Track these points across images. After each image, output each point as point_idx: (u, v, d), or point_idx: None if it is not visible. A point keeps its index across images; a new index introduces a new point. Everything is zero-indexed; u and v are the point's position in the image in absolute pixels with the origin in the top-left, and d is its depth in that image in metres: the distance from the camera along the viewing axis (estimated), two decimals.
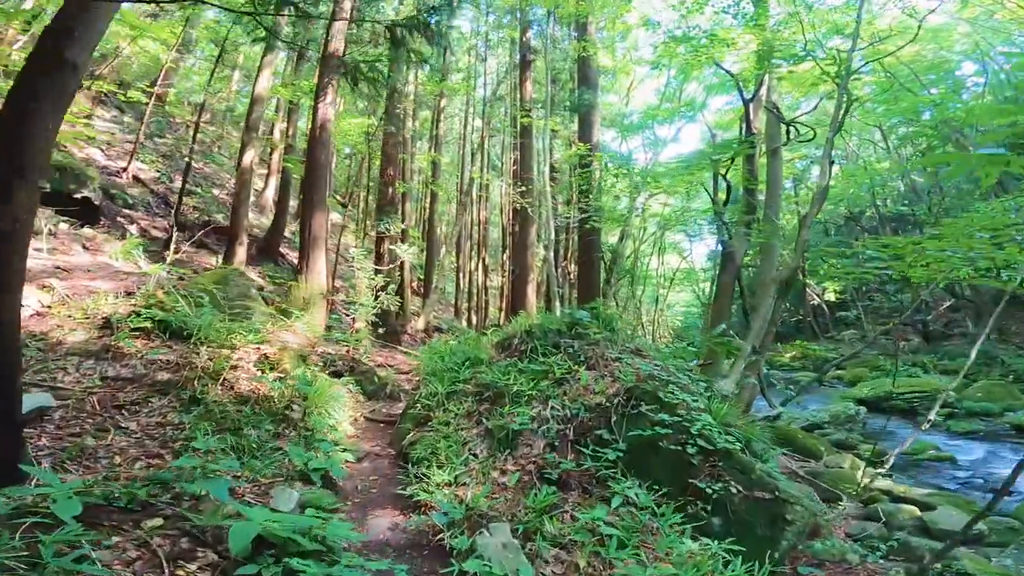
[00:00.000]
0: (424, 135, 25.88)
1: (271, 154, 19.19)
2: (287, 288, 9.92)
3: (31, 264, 7.47)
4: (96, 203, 12.05)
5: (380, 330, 14.03)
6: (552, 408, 4.94)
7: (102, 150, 16.23)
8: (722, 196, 13.78)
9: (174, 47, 14.60)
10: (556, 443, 4.79)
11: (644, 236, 31.54)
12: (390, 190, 15.87)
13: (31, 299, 6.12)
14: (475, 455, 4.88)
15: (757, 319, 8.97)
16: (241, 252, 12.69)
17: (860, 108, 16.27)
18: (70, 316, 5.81)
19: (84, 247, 9.72)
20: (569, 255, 20.51)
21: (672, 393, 4.80)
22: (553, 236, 11.43)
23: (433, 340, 20.27)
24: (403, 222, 17.48)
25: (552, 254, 11.22)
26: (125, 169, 15.65)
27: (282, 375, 5.73)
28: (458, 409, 5.43)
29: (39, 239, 8.39)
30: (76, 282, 6.73)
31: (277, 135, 18.39)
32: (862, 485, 6.59)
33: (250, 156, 13.47)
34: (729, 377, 7.75)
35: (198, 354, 5.45)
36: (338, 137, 23.11)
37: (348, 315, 13.71)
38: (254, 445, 4.36)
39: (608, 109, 26.34)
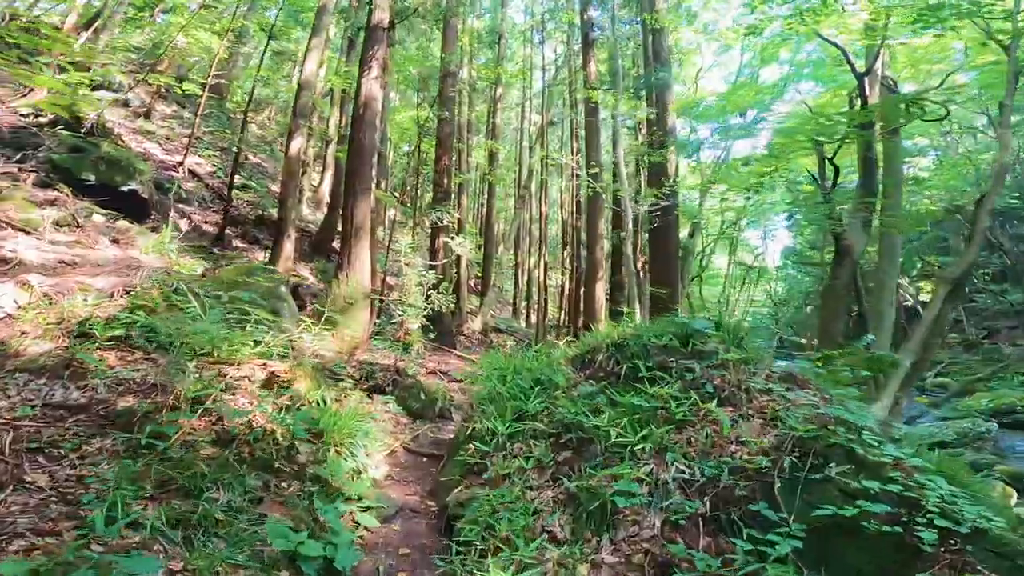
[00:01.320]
0: (480, 130, 24.39)
1: (326, 147, 18.16)
2: (327, 287, 8.50)
3: (30, 257, 6.39)
4: (144, 196, 11.07)
5: (431, 335, 12.56)
6: (674, 467, 3.14)
7: (160, 144, 15.58)
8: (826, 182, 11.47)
9: (224, 36, 13.63)
10: (682, 522, 3.00)
11: (715, 231, 28.90)
12: (445, 180, 14.37)
13: (5, 298, 4.88)
14: (552, 535, 3.15)
15: (920, 327, 6.83)
16: (288, 247, 11.49)
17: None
18: (44, 320, 4.51)
19: (114, 240, 8.66)
20: (637, 250, 18.49)
21: (872, 446, 2.91)
22: (631, 226, 9.57)
23: (491, 343, 18.74)
24: (458, 214, 16.01)
25: (631, 248, 9.35)
26: (181, 163, 14.89)
27: (292, 401, 4.20)
28: (525, 457, 3.72)
29: (46, 231, 7.30)
30: (69, 279, 5.50)
31: (332, 128, 17.30)
32: None
33: (298, 144, 12.25)
34: (881, 399, 5.69)
35: (184, 372, 4.00)
36: (393, 130, 21.98)
37: (400, 316, 12.31)
38: (217, 516, 2.81)
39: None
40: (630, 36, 17.68)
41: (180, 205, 13.41)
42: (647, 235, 14.07)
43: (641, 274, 8.65)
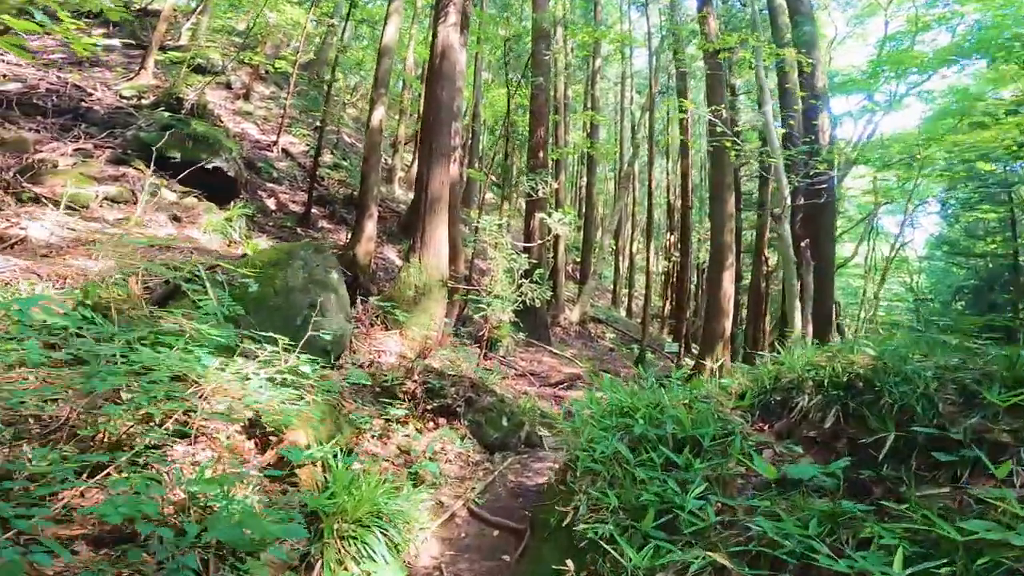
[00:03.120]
0: (577, 109, 21.99)
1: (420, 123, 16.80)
2: (400, 274, 6.84)
3: (38, 235, 5.28)
4: (231, 175, 10.12)
5: (522, 329, 10.69)
6: None
7: (257, 124, 15.02)
8: None
9: (310, 9, 12.49)
10: None
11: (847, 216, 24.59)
12: (541, 154, 12.37)
13: None
14: None
15: None
16: (370, 226, 10.09)
17: None
18: None
19: (175, 218, 7.61)
20: (765, 234, 15.42)
21: None
22: (788, 201, 7.02)
23: (590, 336, 16.61)
24: (556, 184, 13.97)
25: (788, 227, 6.77)
26: (275, 142, 14.18)
27: (279, 460, 2.46)
28: None
29: (97, 207, 6.22)
30: (57, 262, 4.22)
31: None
32: None
33: (379, 115, 10.78)
34: None
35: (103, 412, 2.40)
36: (486, 111, 20.26)
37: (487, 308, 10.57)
38: None
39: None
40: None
41: (270, 184, 12.58)
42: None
43: (802, 264, 6.21)
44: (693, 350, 15.38)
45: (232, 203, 9.62)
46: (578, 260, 23.74)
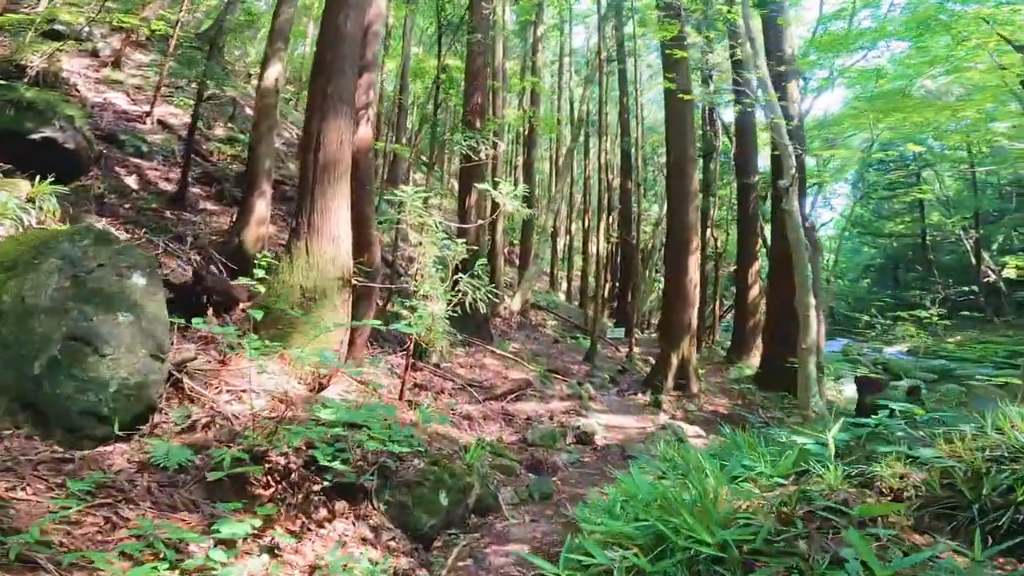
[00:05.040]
0: (514, 87, 19.84)
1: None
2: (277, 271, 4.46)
3: None
4: (70, 147, 7.25)
5: (456, 332, 8.68)
6: None
7: (128, 94, 11.96)
8: None
9: None
10: None
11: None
12: (477, 123, 10.24)
13: None
14: None
15: None
16: (261, 207, 7.64)
17: None
18: None
19: None
20: (711, 220, 14.19)
21: None
22: (795, 171, 5.37)
23: (533, 325, 14.81)
24: (494, 172, 11.94)
25: (797, 203, 5.12)
26: (148, 113, 11.21)
27: None
28: None
29: None
30: None
31: None
32: None
33: (275, 72, 8.26)
34: None
35: None
36: (415, 82, 17.71)
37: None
38: None
39: None
40: None
41: (136, 160, 9.73)
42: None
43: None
44: (635, 334, 13.98)
45: (72, 181, 6.93)
46: (514, 242, 21.91)
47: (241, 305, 4.23)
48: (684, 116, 8.20)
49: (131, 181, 8.96)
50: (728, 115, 16.66)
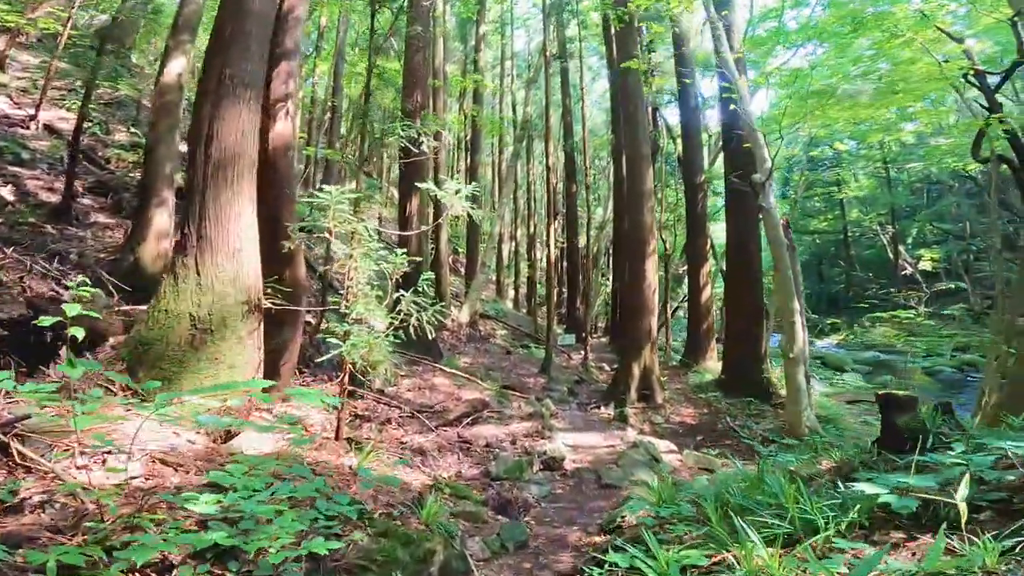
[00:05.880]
0: (453, 93, 19.07)
1: None
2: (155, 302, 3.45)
3: None
4: None
5: (400, 343, 7.83)
6: None
7: (11, 98, 10.41)
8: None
9: None
10: None
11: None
12: (416, 121, 9.41)
13: None
14: None
15: None
16: (162, 218, 6.49)
17: None
18: None
19: None
20: (660, 222, 13.94)
21: None
22: (769, 164, 4.93)
23: (482, 337, 14.01)
24: (435, 171, 11.17)
25: (774, 200, 4.62)
26: (33, 117, 9.72)
27: None
28: None
29: None
30: None
31: None
32: None
33: (177, 67, 7.14)
34: None
35: None
36: (349, 83, 16.61)
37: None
38: None
39: None
40: None
41: (15, 168, 8.33)
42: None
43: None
44: (585, 339, 13.55)
45: None
46: (459, 251, 21.08)
47: (111, 341, 3.26)
48: (637, 112, 7.78)
49: (5, 192, 7.56)
50: (671, 116, 16.66)
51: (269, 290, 3.69)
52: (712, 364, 10.06)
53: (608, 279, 22.62)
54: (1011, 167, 5.76)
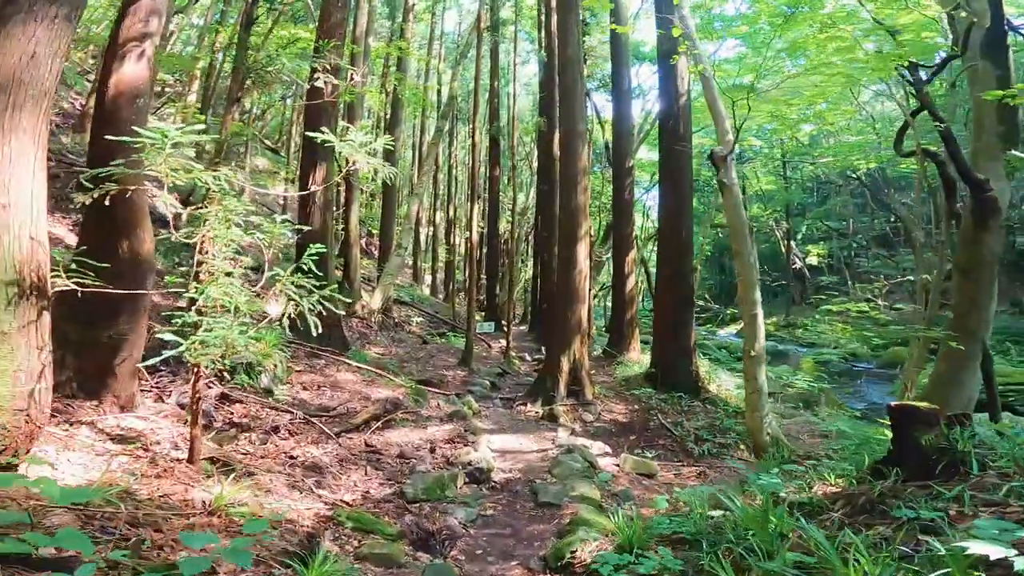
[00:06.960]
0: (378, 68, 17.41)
1: None
2: None
3: None
4: None
5: (297, 344, 6.65)
6: None
7: None
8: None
9: None
10: None
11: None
12: (329, 87, 8.09)
13: None
14: None
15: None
16: None
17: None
18: None
19: None
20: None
21: None
22: (732, 136, 4.45)
23: (396, 325, 12.81)
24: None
25: (735, 176, 4.17)
26: None
27: None
28: None
29: None
30: None
31: None
32: None
33: None
34: None
35: None
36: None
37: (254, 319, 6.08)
38: None
39: None
40: None
41: None
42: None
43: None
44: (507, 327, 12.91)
45: None
46: (373, 232, 19.57)
47: None
48: (576, 85, 7.11)
49: None
50: (600, 101, 16.32)
51: (76, 266, 2.56)
52: (636, 355, 9.79)
53: (528, 265, 22.19)
54: (935, 161, 5.75)
